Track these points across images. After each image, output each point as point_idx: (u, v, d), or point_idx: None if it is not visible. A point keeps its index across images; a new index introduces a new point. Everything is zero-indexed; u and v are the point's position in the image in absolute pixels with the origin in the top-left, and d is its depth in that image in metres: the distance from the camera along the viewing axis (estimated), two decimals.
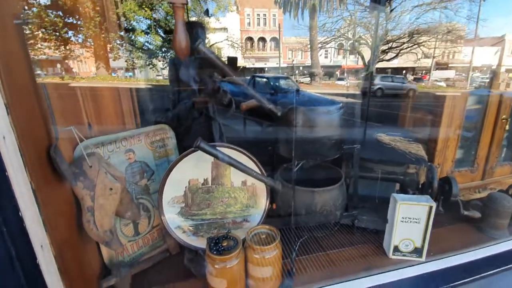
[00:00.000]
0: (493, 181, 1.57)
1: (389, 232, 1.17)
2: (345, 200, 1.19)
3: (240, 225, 1.20)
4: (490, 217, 1.28)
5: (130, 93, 1.29)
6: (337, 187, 1.08)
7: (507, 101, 1.43)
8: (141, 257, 1.18)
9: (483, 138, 1.47)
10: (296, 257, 1.12)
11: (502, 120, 1.44)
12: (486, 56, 24.09)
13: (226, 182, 1.18)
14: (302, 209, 1.06)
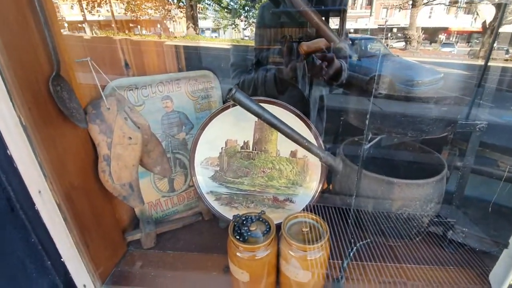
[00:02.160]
0: None
1: (506, 262, 0.75)
2: (441, 202, 0.80)
3: (283, 205, 0.97)
4: None
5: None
6: (432, 182, 0.71)
7: None
8: (174, 215, 1.09)
9: None
10: (351, 262, 0.84)
11: None
12: None
13: (271, 149, 0.93)
14: (370, 205, 0.74)
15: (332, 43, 0.65)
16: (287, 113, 0.86)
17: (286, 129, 0.77)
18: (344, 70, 0.85)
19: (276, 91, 1.00)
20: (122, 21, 13.30)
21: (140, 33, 13.04)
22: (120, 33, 11.77)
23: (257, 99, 0.80)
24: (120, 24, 13.15)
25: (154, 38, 11.21)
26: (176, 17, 13.81)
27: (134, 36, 10.84)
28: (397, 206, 0.70)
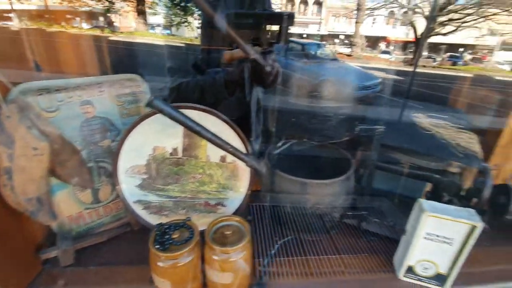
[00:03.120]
0: None
1: (404, 246, 0.87)
2: (351, 197, 0.90)
3: (214, 209, 0.98)
4: None
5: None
6: (338, 181, 0.79)
7: None
8: (99, 228, 1.02)
9: None
10: (274, 259, 0.88)
11: None
12: None
13: (201, 155, 0.94)
14: (287, 204, 0.80)
15: (247, 54, 0.68)
16: (215, 119, 0.88)
17: (209, 135, 0.78)
18: (280, 75, 0.89)
19: (226, 94, 1.01)
20: (58, 11, 11.93)
21: (79, 26, 11.86)
22: (55, 25, 10.55)
23: (178, 105, 0.80)
24: (56, 15, 11.79)
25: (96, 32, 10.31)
26: (123, 11, 12.86)
27: (71, 29, 9.82)
28: (311, 203, 0.77)
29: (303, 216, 0.81)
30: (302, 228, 0.83)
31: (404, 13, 18.47)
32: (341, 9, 21.51)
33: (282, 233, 0.96)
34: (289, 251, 0.93)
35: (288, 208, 0.78)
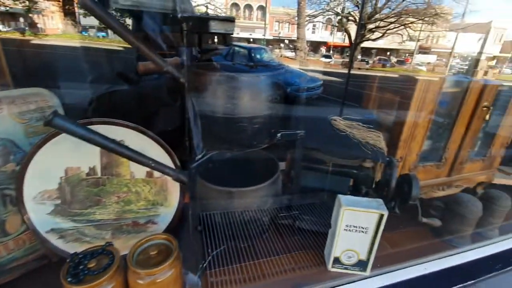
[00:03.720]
0: (460, 178, 1.39)
1: (331, 240, 0.94)
2: (283, 198, 0.94)
3: (144, 228, 0.93)
4: (453, 222, 1.10)
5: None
6: (264, 186, 0.82)
7: (492, 88, 1.21)
8: (10, 264, 0.89)
9: (457, 129, 1.26)
10: (213, 269, 0.87)
11: (483, 108, 1.22)
12: (469, 42, 24.24)
13: (124, 171, 0.88)
14: (218, 213, 0.80)
15: (160, 67, 0.66)
16: (134, 133, 0.83)
17: (126, 152, 0.74)
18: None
19: (170, 101, 0.96)
20: None
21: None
22: None
23: (88, 121, 0.74)
24: None
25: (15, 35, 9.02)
26: (47, 11, 11.46)
27: None
28: (239, 211, 0.78)
29: (235, 223, 0.82)
30: (237, 235, 0.84)
31: (339, 20, 20.20)
32: (283, 15, 22.56)
33: (222, 241, 0.95)
34: (227, 260, 0.93)
35: (219, 216, 0.78)
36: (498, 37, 26.86)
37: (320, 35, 28.79)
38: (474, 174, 1.43)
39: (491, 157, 1.45)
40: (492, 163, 1.48)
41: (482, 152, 1.44)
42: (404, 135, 1.13)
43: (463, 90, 1.18)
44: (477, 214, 1.09)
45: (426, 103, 1.14)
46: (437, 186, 1.33)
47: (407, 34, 19.64)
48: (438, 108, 1.23)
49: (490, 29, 24.80)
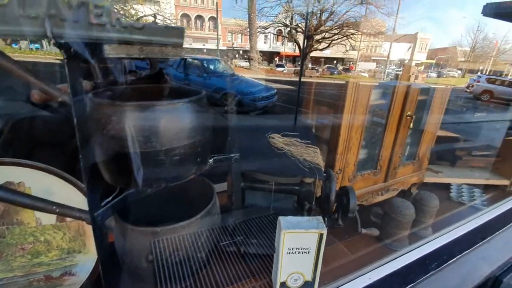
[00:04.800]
0: (395, 182, 1.49)
1: (276, 264, 0.91)
2: (221, 226, 0.88)
3: (61, 281, 0.79)
4: (390, 227, 1.15)
5: None
6: (197, 220, 0.75)
7: (413, 97, 1.32)
8: None
9: (387, 138, 1.35)
10: None
11: (407, 117, 1.33)
12: (401, 51, 27.47)
13: (28, 219, 0.74)
14: (142, 260, 0.71)
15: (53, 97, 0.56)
16: (38, 173, 0.70)
17: (21, 200, 0.61)
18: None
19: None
20: None
21: None
22: None
23: None
24: None
25: None
26: None
27: None
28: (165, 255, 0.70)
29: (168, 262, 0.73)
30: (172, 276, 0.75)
31: (289, 32, 21.24)
32: (235, 26, 22.94)
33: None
34: None
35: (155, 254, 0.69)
36: (423, 46, 30.99)
37: (273, 46, 29.95)
38: (407, 176, 1.54)
39: (420, 159, 1.59)
40: (421, 165, 1.62)
41: (412, 156, 1.57)
42: (340, 148, 1.17)
43: (389, 102, 1.27)
44: (411, 217, 1.16)
45: (359, 105, 1.18)
46: (376, 192, 1.40)
47: (349, 45, 21.44)
48: (370, 117, 1.30)
49: (416, 40, 28.45)
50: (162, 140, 0.60)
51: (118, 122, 0.55)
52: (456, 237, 1.31)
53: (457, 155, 1.96)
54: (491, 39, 29.25)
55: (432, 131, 1.55)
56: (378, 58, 28.29)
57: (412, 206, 1.18)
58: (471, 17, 25.90)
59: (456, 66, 32.06)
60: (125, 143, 0.57)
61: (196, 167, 0.71)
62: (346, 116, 1.13)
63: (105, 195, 0.69)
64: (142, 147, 0.59)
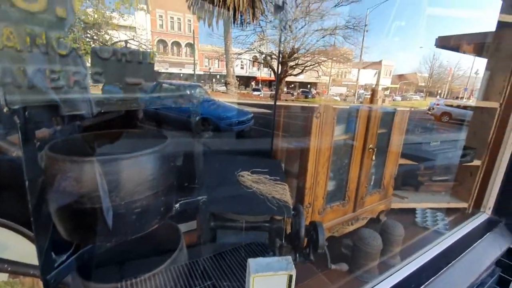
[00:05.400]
0: (364, 211, 1.54)
1: None
2: (185, 277, 0.85)
3: None
4: (360, 258, 1.17)
5: None
6: (160, 271, 0.73)
7: (373, 130, 1.42)
8: None
9: (352, 170, 1.41)
10: None
11: (369, 150, 1.42)
12: (368, 76, 29.61)
13: None
14: None
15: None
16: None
17: None
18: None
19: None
20: None
21: None
22: None
23: None
24: None
25: None
26: None
27: None
28: None
29: None
30: None
31: (264, 58, 22.19)
32: (212, 52, 23.54)
33: None
34: None
35: None
36: (388, 72, 33.72)
37: (249, 71, 30.98)
38: (374, 205, 1.61)
39: (385, 187, 1.67)
40: (387, 192, 1.70)
41: (377, 185, 1.65)
42: (308, 183, 1.21)
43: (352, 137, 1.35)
44: (378, 247, 1.20)
45: (324, 141, 1.24)
46: (346, 222, 1.44)
47: (321, 70, 22.76)
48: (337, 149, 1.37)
49: (381, 66, 30.95)
50: (121, 194, 0.59)
51: (73, 177, 0.54)
52: (423, 264, 1.37)
53: (419, 181, 2.10)
54: (446, 66, 32.61)
55: (394, 160, 1.66)
56: (348, 83, 30.21)
57: (379, 236, 1.23)
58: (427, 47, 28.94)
59: (418, 90, 35.08)
60: (80, 198, 0.55)
61: (160, 216, 0.70)
62: (312, 155, 1.18)
63: (61, 251, 0.65)
64: (99, 202, 0.57)
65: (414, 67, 35.52)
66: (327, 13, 19.42)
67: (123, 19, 15.21)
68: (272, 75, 27.34)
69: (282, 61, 19.99)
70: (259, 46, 21.38)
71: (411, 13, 17.57)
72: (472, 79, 26.04)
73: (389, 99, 1.92)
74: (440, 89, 33.96)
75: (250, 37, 20.47)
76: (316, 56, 20.50)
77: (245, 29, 19.80)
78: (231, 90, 18.77)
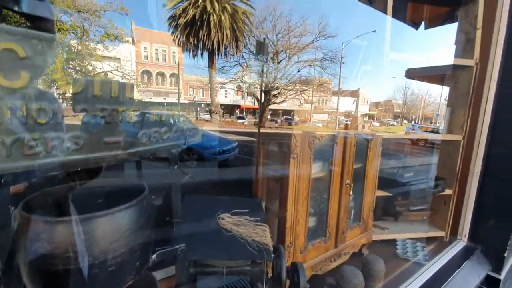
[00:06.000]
0: (345, 246, 1.56)
1: None
2: None
3: None
4: None
5: None
6: None
7: (349, 166, 1.49)
8: None
9: (331, 207, 1.45)
10: None
11: (346, 185, 1.48)
12: (348, 104, 31.16)
13: None
14: None
15: None
16: None
17: None
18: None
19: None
20: None
21: None
22: None
23: None
24: None
25: None
26: None
27: None
28: None
29: None
30: None
31: (248, 88, 22.95)
32: (196, 82, 24.12)
33: None
34: None
35: None
36: (365, 100, 35.71)
37: (233, 99, 31.70)
38: (356, 239, 1.63)
39: (365, 221, 1.71)
40: (367, 225, 1.74)
41: (357, 218, 1.69)
42: (289, 223, 1.22)
43: (328, 174, 1.41)
44: (361, 285, 1.20)
45: (301, 180, 1.28)
46: (329, 259, 1.45)
47: (303, 99, 23.72)
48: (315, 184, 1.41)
49: (359, 94, 32.74)
50: (95, 253, 0.59)
51: (45, 238, 0.53)
52: None
53: (398, 211, 2.16)
54: (417, 94, 35.04)
55: (371, 193, 1.72)
56: (329, 110, 31.51)
57: (361, 273, 1.24)
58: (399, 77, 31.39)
59: (394, 116, 37.15)
60: (51, 259, 0.54)
61: (135, 272, 0.69)
62: (291, 194, 1.21)
63: None
64: (70, 263, 0.56)
65: (389, 94, 38.13)
66: (306, 47, 20.77)
67: (107, 51, 15.20)
68: (256, 103, 28.17)
69: (265, 90, 20.78)
70: (243, 76, 22.20)
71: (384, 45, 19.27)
72: (443, 105, 28.00)
73: (368, 124, 2.04)
74: (414, 114, 36.21)
75: (234, 67, 21.31)
76: (297, 85, 21.51)
77: (229, 60, 20.62)
78: (215, 118, 18.99)
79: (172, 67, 24.39)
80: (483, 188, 2.00)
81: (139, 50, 22.41)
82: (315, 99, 27.04)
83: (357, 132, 1.94)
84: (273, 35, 20.19)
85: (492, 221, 1.99)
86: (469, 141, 1.94)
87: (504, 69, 1.84)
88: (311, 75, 21.53)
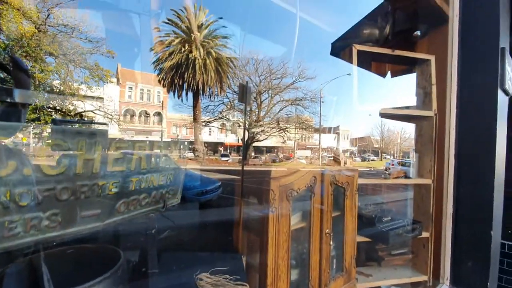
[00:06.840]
0: None
1: None
2: None
3: None
4: None
5: None
6: None
7: (328, 215, 1.53)
8: None
9: (312, 258, 1.45)
10: None
11: (326, 235, 1.50)
12: (329, 140, 32.32)
13: None
14: None
15: None
16: None
17: None
18: None
19: None
20: None
21: None
22: None
23: None
24: None
25: None
26: None
27: None
28: None
29: None
30: None
31: (232, 125, 23.45)
32: (180, 120, 24.38)
33: None
34: None
35: None
36: (346, 136, 37.28)
37: (217, 137, 32.01)
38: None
39: (347, 270, 1.70)
40: (350, 274, 1.72)
41: (340, 268, 1.68)
42: (269, 279, 1.21)
43: (308, 225, 1.43)
44: None
45: (281, 233, 1.29)
46: None
47: (286, 136, 24.41)
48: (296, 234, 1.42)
49: (339, 131, 34.24)
50: None
51: None
52: None
53: (380, 256, 2.17)
54: (393, 130, 37.23)
55: (352, 241, 1.74)
56: (312, 146, 32.41)
57: None
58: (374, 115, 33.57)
59: (373, 151, 38.74)
60: None
61: None
62: (271, 249, 1.21)
63: None
64: None
65: (368, 131, 40.29)
66: (287, 88, 22.04)
67: (90, 91, 15.21)
68: (240, 141, 28.56)
69: (249, 128, 21.31)
70: (227, 115, 22.79)
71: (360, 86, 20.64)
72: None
73: (350, 160, 2.11)
74: (392, 149, 38.00)
75: (218, 106, 21.95)
76: (280, 123, 22.29)
77: (213, 99, 21.29)
78: (199, 156, 18.88)
79: (156, 106, 24.69)
80: (457, 229, 2.07)
81: (124, 90, 22.71)
82: (298, 136, 27.92)
83: (340, 168, 2.02)
84: (255, 77, 21.39)
85: (470, 262, 2.03)
86: (438, 184, 2.07)
87: (460, 119, 2.06)
88: (293, 113, 22.52)
